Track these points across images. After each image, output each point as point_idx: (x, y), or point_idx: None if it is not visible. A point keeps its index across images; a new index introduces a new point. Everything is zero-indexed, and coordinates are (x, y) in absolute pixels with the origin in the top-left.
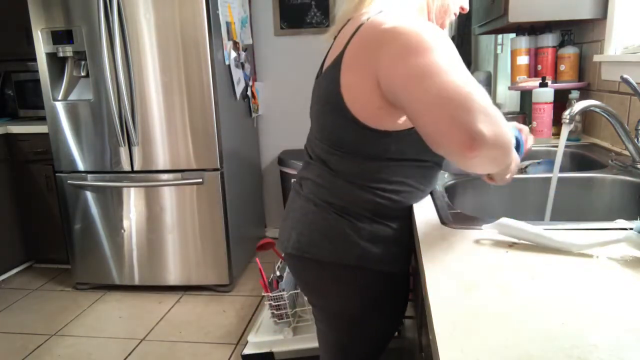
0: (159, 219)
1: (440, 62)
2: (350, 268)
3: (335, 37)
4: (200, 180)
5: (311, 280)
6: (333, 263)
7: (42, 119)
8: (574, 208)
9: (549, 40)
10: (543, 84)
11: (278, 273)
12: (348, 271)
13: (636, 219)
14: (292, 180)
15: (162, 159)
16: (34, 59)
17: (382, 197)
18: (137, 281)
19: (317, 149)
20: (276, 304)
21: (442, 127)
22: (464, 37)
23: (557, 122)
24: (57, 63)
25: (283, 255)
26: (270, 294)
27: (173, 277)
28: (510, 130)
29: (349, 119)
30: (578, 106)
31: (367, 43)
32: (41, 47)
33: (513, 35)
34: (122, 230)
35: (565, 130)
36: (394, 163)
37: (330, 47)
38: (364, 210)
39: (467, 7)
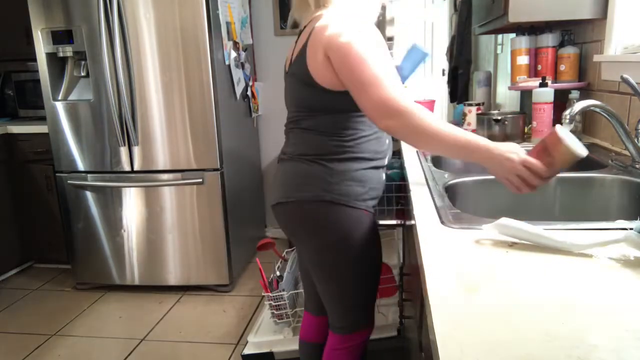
0: (159, 219)
1: (364, 56)
2: (324, 203)
3: (297, 39)
4: (200, 180)
5: (297, 222)
6: (311, 200)
7: (42, 119)
8: (574, 208)
9: (549, 40)
10: (543, 84)
11: (278, 273)
12: (323, 207)
13: (636, 219)
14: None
15: (162, 159)
16: (34, 59)
17: (346, 141)
18: (137, 281)
19: (291, 118)
20: (276, 304)
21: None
22: (464, 37)
23: (557, 122)
24: (57, 63)
25: (273, 212)
26: (270, 294)
27: (173, 277)
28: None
29: (317, 87)
30: (578, 106)
31: (323, 35)
32: (41, 47)
33: (513, 35)
34: (122, 230)
35: None
36: (352, 115)
37: (294, 47)
38: (333, 154)
39: None
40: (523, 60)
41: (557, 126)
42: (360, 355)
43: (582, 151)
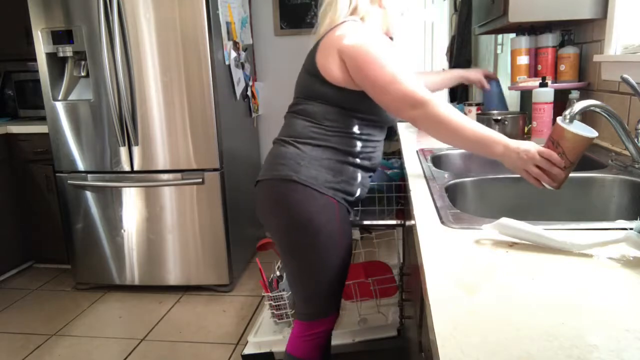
0: (159, 219)
1: (379, 61)
2: (291, 183)
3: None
4: (200, 180)
5: (264, 199)
6: (280, 179)
7: (42, 119)
8: (574, 208)
9: (549, 40)
10: (543, 84)
11: (278, 273)
12: (290, 186)
13: (636, 219)
14: None
15: (162, 159)
16: (34, 59)
17: (328, 131)
18: (137, 281)
19: (291, 106)
20: (276, 304)
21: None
22: (464, 37)
23: None
24: (57, 63)
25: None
26: (270, 294)
27: (173, 277)
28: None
29: (318, 77)
30: (578, 106)
31: (331, 44)
32: (41, 47)
33: (513, 35)
34: (122, 230)
35: None
36: (345, 111)
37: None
38: (309, 139)
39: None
40: (523, 60)
41: (559, 118)
42: (323, 344)
43: (589, 133)
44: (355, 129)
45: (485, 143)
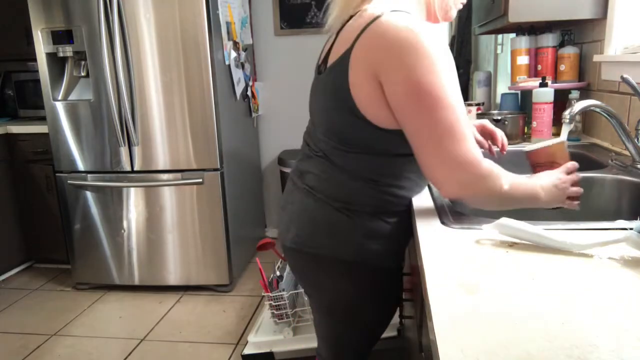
0: (159, 219)
1: (440, 93)
2: (347, 263)
3: (339, 31)
4: (200, 180)
5: (309, 273)
6: (331, 258)
7: (42, 119)
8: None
9: (549, 40)
10: (543, 84)
11: (278, 273)
12: (345, 266)
13: (636, 219)
14: (290, 169)
15: (162, 159)
16: (34, 59)
17: (385, 193)
18: (137, 281)
19: (322, 143)
20: (276, 304)
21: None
22: (464, 37)
23: (557, 122)
24: (57, 63)
25: (282, 248)
26: (270, 294)
27: (173, 277)
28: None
29: (358, 117)
30: (578, 106)
31: (377, 47)
32: (41, 47)
33: (513, 35)
34: (122, 230)
35: (565, 130)
36: (402, 159)
37: (333, 42)
38: (365, 206)
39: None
40: (523, 60)
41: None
42: None
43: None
44: (417, 175)
45: (539, 194)
